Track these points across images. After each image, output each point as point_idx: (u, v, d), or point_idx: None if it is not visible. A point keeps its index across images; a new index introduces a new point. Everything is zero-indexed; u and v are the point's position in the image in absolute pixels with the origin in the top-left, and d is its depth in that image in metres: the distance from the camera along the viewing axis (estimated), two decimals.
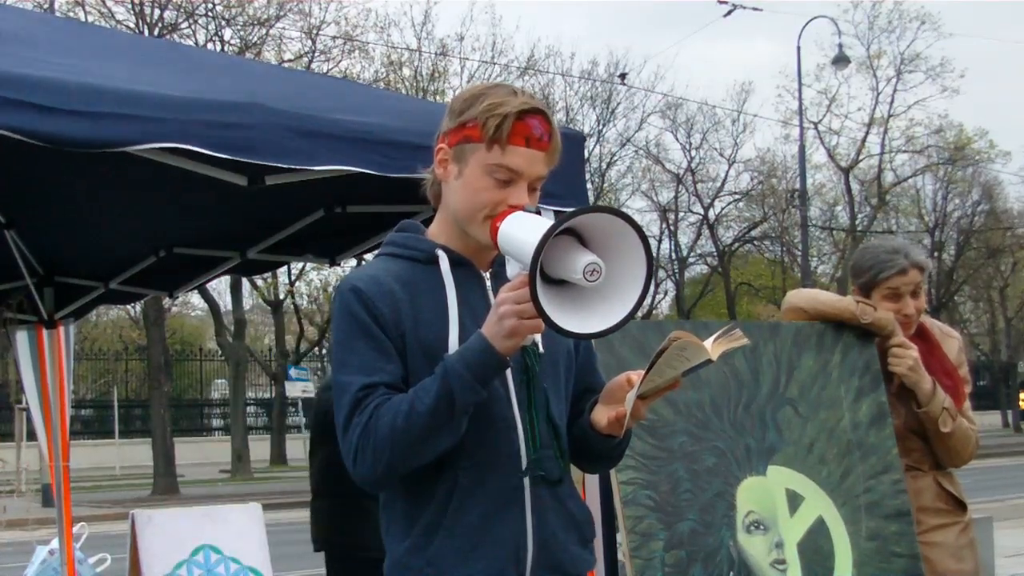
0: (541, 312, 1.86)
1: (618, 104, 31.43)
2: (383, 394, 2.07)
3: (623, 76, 30.70)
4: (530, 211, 2.11)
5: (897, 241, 3.65)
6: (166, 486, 20.99)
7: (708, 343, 2.06)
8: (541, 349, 2.16)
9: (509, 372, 2.11)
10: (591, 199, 3.95)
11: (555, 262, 1.94)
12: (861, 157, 34.02)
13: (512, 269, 2.12)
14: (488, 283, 2.21)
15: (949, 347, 3.70)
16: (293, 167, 3.13)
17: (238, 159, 3.04)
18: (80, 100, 2.81)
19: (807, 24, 29.23)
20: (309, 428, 5.55)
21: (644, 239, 1.92)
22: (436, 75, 27.69)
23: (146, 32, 21.31)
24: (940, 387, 3.56)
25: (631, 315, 1.92)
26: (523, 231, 2.00)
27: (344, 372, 2.11)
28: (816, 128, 33.24)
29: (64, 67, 3.00)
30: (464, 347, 2.04)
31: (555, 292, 1.93)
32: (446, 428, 2.03)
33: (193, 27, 23.12)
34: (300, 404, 24.06)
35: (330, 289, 29.24)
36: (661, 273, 33.47)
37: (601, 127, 31.01)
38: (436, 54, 27.92)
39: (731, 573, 3.26)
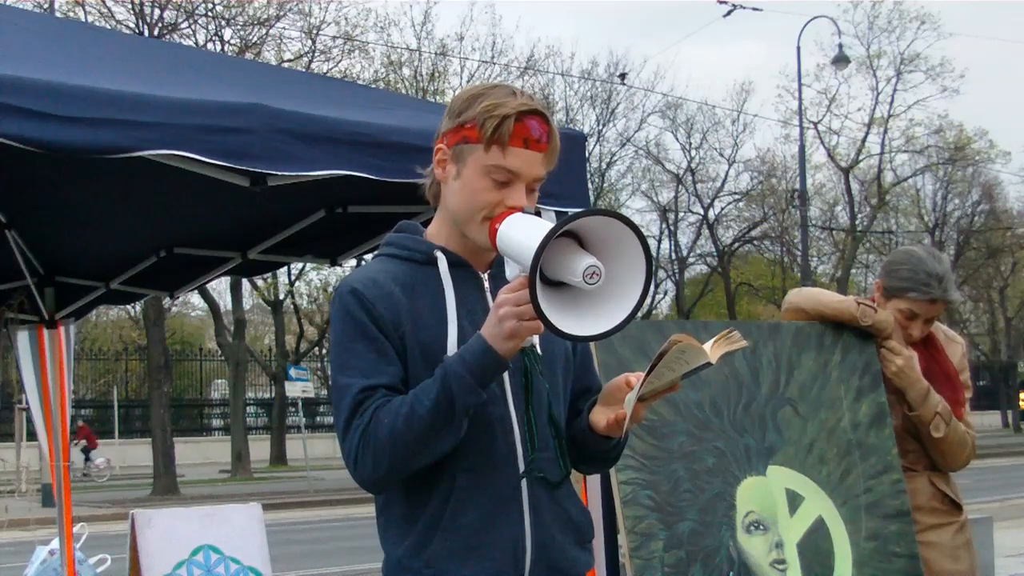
0: (541, 315, 1.86)
1: (618, 104, 31.49)
2: (383, 396, 2.07)
3: (623, 76, 30.74)
4: (529, 212, 2.11)
5: (940, 267, 3.57)
6: (166, 486, 20.99)
7: (708, 346, 2.05)
8: (539, 351, 2.16)
9: (506, 373, 2.11)
10: (591, 199, 3.94)
11: (554, 264, 1.93)
12: (861, 157, 34.04)
13: (511, 271, 2.12)
14: (486, 284, 2.21)
15: (952, 352, 3.70)
16: (292, 173, 3.13)
17: (238, 166, 3.04)
18: (77, 106, 2.80)
19: (807, 24, 29.29)
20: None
21: (643, 242, 1.92)
22: (436, 75, 27.70)
23: (146, 32, 21.31)
24: (936, 391, 3.57)
25: (630, 318, 1.92)
26: (522, 233, 2.00)
27: (344, 374, 2.10)
28: (816, 128, 33.27)
29: (62, 71, 3.00)
30: (464, 349, 2.04)
31: (554, 294, 1.93)
32: (446, 430, 2.03)
33: (193, 27, 23.13)
34: (300, 404, 24.04)
35: (330, 289, 29.22)
36: (661, 273, 33.47)
37: (601, 127, 31.05)
38: (436, 54, 27.94)
39: (731, 573, 3.26)
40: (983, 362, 43.51)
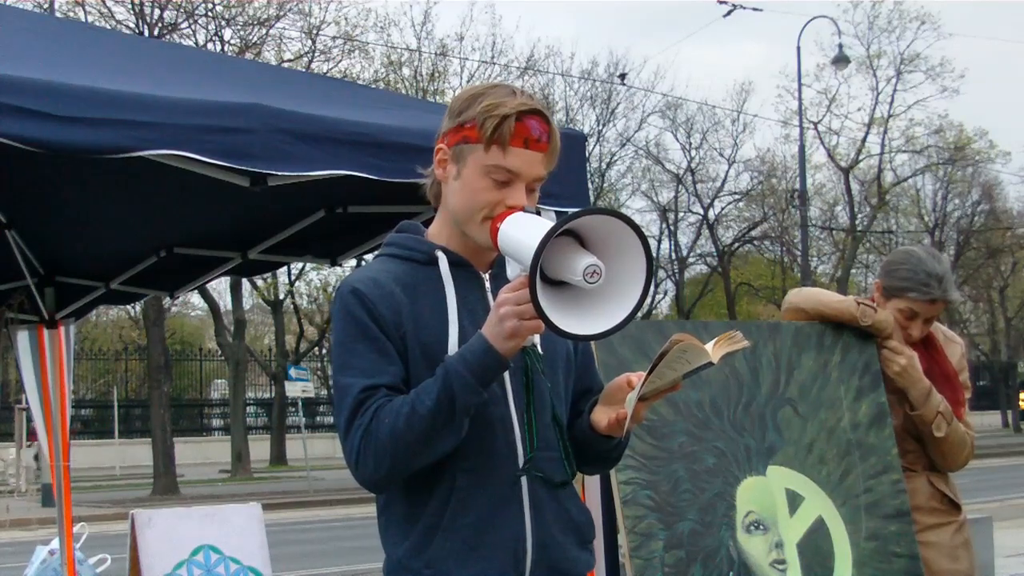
0: (541, 314, 1.86)
1: (618, 104, 31.47)
2: (384, 396, 2.07)
3: (623, 76, 30.73)
4: (530, 212, 2.11)
5: (940, 267, 3.58)
6: (166, 486, 20.99)
7: (709, 346, 2.05)
8: (540, 350, 2.16)
9: (507, 373, 2.10)
10: (591, 199, 3.95)
11: (555, 263, 1.93)
12: (861, 157, 34.03)
13: (512, 270, 2.12)
14: (487, 284, 2.21)
15: (951, 352, 3.70)
16: (292, 173, 3.13)
17: (238, 166, 3.04)
18: (77, 106, 2.80)
19: (807, 24, 29.28)
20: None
21: (644, 241, 1.92)
22: (436, 75, 27.69)
23: (146, 32, 21.31)
24: (937, 392, 3.57)
25: (631, 317, 1.92)
26: (523, 232, 2.00)
27: (345, 374, 2.11)
28: (816, 128, 33.25)
29: (62, 71, 3.00)
30: (465, 348, 2.04)
31: (555, 293, 1.93)
32: (447, 430, 2.03)
33: (193, 27, 23.12)
34: (300, 404, 24.03)
35: (330, 289, 29.22)
36: (661, 273, 33.45)
37: (601, 127, 31.03)
38: (436, 54, 27.93)
39: (731, 573, 3.27)
40: (983, 362, 43.50)
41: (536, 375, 2.15)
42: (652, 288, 1.96)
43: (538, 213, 2.13)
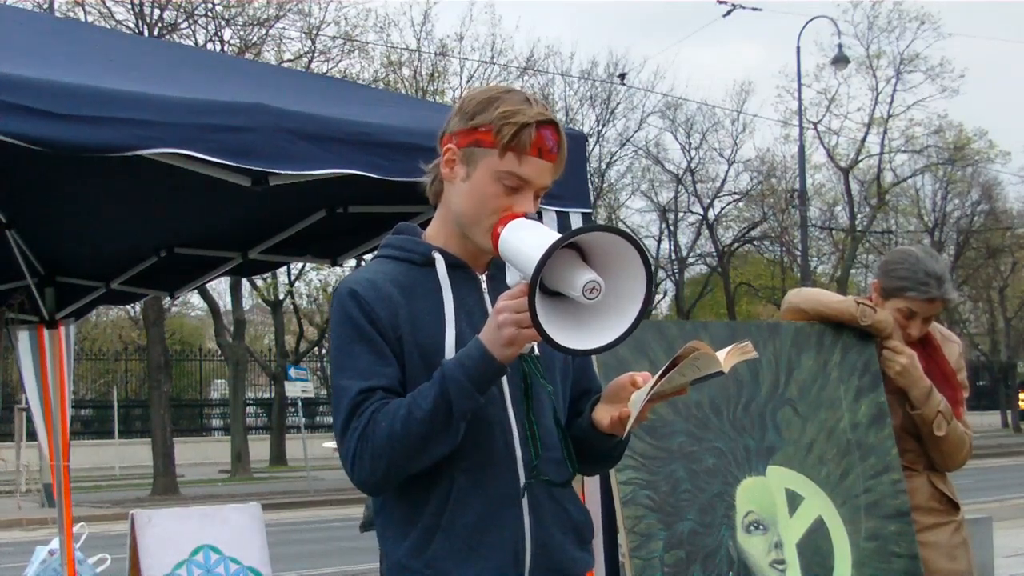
0: (539, 327, 1.86)
1: (618, 104, 31.48)
2: (381, 399, 2.07)
3: (623, 76, 30.73)
4: (532, 218, 2.11)
5: (938, 266, 3.58)
6: (166, 486, 20.99)
7: (721, 354, 2.06)
8: (537, 352, 2.16)
9: (505, 377, 2.10)
10: (591, 199, 3.96)
11: (555, 276, 1.93)
12: (861, 157, 34.04)
13: (512, 276, 2.12)
14: (484, 286, 2.22)
15: (949, 352, 3.71)
16: (295, 172, 3.13)
17: (240, 165, 3.05)
18: (79, 105, 2.80)
19: (807, 24, 29.27)
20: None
21: (646, 260, 1.92)
22: (436, 75, 27.69)
23: (146, 32, 21.31)
24: (937, 391, 3.57)
25: (628, 333, 1.91)
26: (524, 242, 1.99)
27: (342, 376, 2.11)
28: (816, 128, 33.28)
29: (63, 70, 3.00)
30: (462, 353, 2.04)
31: (553, 305, 1.93)
32: (443, 434, 2.03)
33: (193, 27, 23.13)
34: (300, 404, 24.03)
35: (330, 289, 29.21)
36: (660, 273, 33.45)
37: (601, 127, 31.03)
38: (436, 54, 27.93)
39: (730, 573, 3.27)
40: (983, 362, 43.49)
41: (535, 380, 2.15)
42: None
43: (539, 215, 2.12)
